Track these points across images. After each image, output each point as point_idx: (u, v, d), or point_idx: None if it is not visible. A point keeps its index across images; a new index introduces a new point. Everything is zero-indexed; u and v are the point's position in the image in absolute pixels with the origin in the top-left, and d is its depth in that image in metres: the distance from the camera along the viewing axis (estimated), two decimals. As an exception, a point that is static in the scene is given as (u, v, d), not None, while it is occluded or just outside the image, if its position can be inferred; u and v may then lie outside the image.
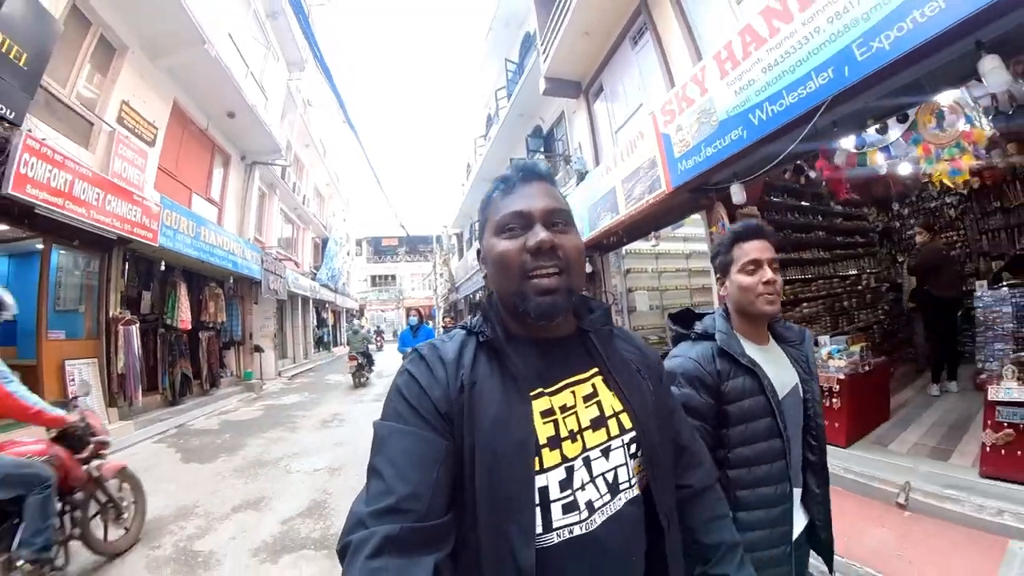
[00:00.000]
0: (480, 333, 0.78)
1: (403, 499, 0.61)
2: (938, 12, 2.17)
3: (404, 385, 0.73)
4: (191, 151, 9.51)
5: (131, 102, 7.40)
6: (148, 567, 2.88)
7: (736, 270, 1.31)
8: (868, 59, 2.44)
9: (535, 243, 0.73)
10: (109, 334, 6.58)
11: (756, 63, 3.10)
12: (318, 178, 19.99)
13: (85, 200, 5.52)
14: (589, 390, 0.79)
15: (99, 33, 6.95)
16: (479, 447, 0.68)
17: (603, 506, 0.73)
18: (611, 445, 0.76)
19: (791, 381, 1.33)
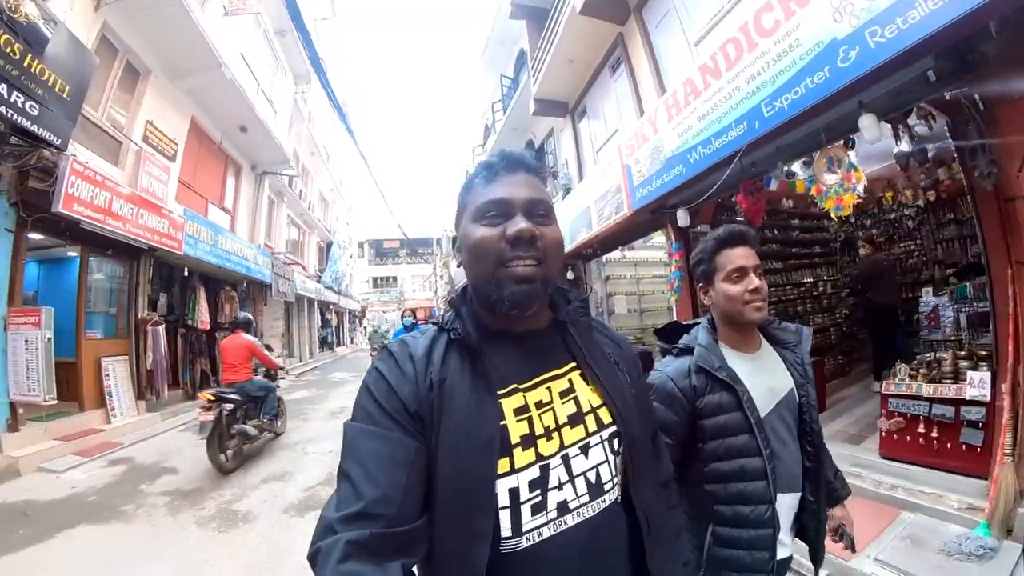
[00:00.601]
0: (452, 330, 0.76)
1: (372, 503, 0.60)
2: (826, 78, 2.83)
3: (373, 383, 0.72)
4: (207, 164, 10.21)
5: (155, 121, 8.09)
6: (197, 523, 3.57)
7: (721, 278, 1.28)
8: (773, 115, 3.09)
9: (515, 232, 0.71)
10: (138, 334, 7.27)
11: (693, 111, 3.77)
12: (322, 184, 20.69)
13: (122, 215, 6.21)
14: (566, 385, 0.77)
15: (125, 59, 7.64)
16: (442, 446, 0.67)
17: (579, 507, 0.70)
18: (590, 442, 0.74)
19: (784, 387, 1.30)
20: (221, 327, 9.68)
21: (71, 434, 5.84)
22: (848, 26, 2.56)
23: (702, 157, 3.69)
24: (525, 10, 9.67)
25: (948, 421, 3.16)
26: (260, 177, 12.61)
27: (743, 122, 3.31)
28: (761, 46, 3.14)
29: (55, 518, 3.78)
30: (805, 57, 2.82)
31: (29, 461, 5.03)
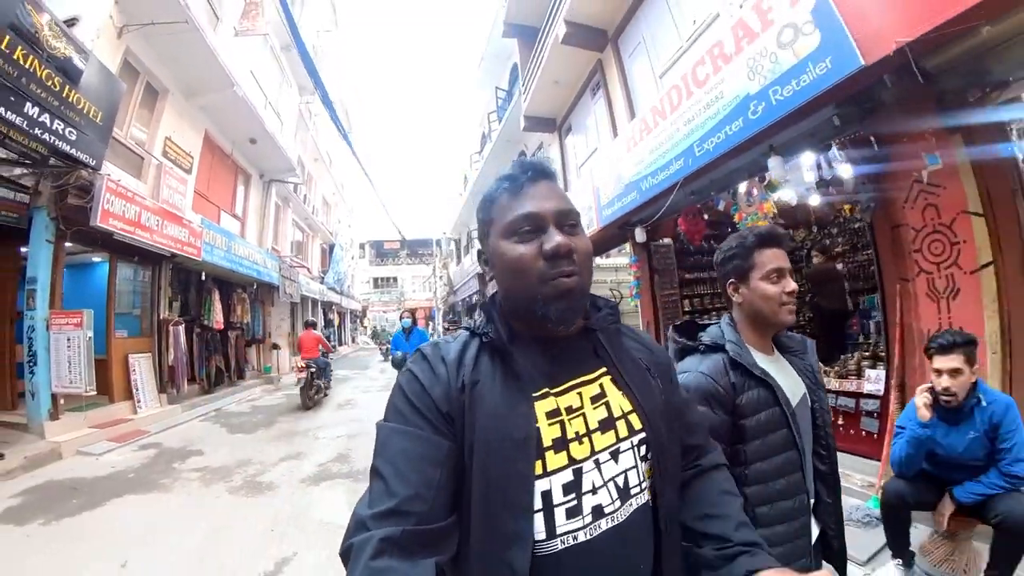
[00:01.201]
0: (484, 334, 0.77)
1: (404, 501, 0.61)
2: (741, 127, 3.48)
3: (406, 383, 0.73)
4: (219, 174, 10.88)
5: (172, 137, 8.75)
6: (228, 491, 4.24)
7: (759, 277, 1.26)
8: (702, 155, 3.74)
9: (552, 248, 0.72)
10: (160, 333, 7.95)
11: (646, 146, 4.42)
12: (325, 188, 21.37)
13: (149, 226, 6.88)
14: (597, 391, 0.77)
15: (145, 80, 8.30)
16: (477, 446, 0.67)
17: (612, 512, 0.71)
18: (620, 447, 0.74)
19: (800, 391, 1.30)
20: (233, 327, 10.36)
21: (103, 422, 6.52)
22: (757, 84, 3.21)
23: (651, 186, 4.36)
24: (516, 29, 10.31)
25: (851, 411, 3.73)
26: (267, 184, 13.29)
27: (681, 159, 3.97)
28: (696, 95, 3.79)
29: (102, 491, 4.44)
30: (726, 108, 3.48)
31: (70, 446, 5.69)
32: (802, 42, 2.81)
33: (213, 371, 9.42)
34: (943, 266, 2.96)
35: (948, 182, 2.88)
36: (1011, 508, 2.08)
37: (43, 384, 5.82)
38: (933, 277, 3.00)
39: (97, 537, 3.49)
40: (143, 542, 3.34)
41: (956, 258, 2.88)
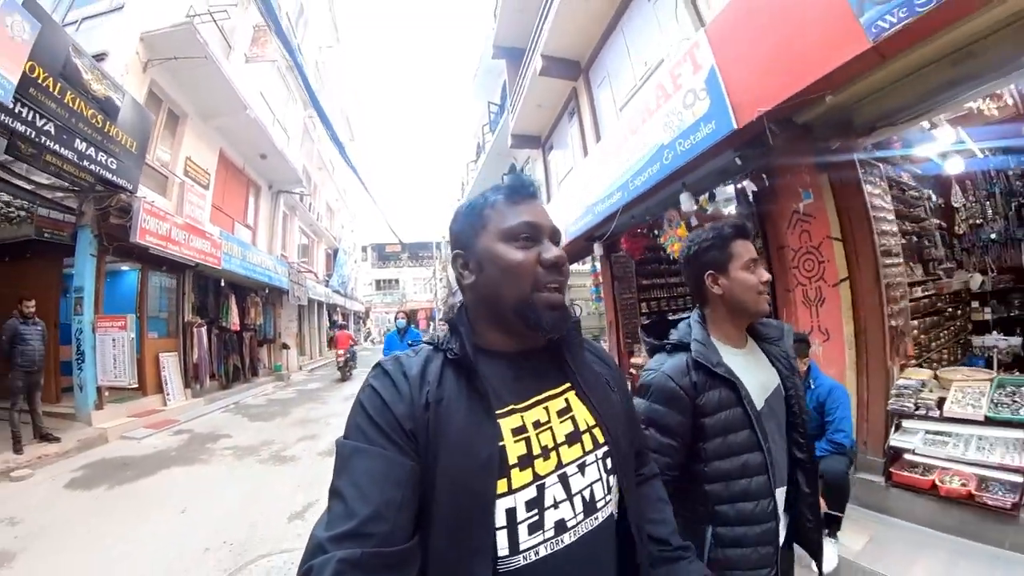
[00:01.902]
0: (448, 349, 0.76)
1: (364, 522, 0.60)
2: (659, 168, 4.34)
3: (367, 400, 0.71)
4: (232, 187, 11.81)
5: (192, 157, 9.68)
6: (259, 462, 5.15)
7: (739, 267, 1.27)
8: (634, 189, 4.62)
9: (553, 258, 0.75)
10: (185, 334, 8.88)
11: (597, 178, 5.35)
12: (328, 195, 22.30)
13: (178, 240, 7.81)
14: (563, 404, 0.78)
15: (167, 107, 9.22)
16: (441, 467, 0.66)
17: (575, 526, 0.71)
18: (586, 460, 0.75)
19: (772, 382, 1.30)
20: (247, 328, 11.29)
21: (139, 412, 7.44)
22: (669, 136, 4.09)
23: (602, 210, 5.30)
24: (504, 51, 11.21)
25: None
26: (276, 195, 14.22)
27: (620, 191, 4.88)
28: (630, 141, 4.69)
29: (151, 465, 5.34)
30: (649, 153, 4.36)
31: (114, 431, 6.61)
32: (698, 105, 3.68)
33: (231, 368, 10.36)
34: (813, 280, 3.80)
35: (817, 213, 3.72)
36: (830, 466, 2.79)
37: (90, 379, 6.75)
38: (807, 288, 3.84)
39: (155, 496, 4.40)
40: (194, 497, 4.25)
41: (822, 274, 3.72)
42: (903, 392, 3.22)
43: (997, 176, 5.33)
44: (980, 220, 5.60)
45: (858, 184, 3.50)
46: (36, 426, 5.86)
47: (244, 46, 11.07)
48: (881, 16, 2.39)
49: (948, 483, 2.90)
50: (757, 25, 3.26)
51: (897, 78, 3.02)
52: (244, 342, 11.18)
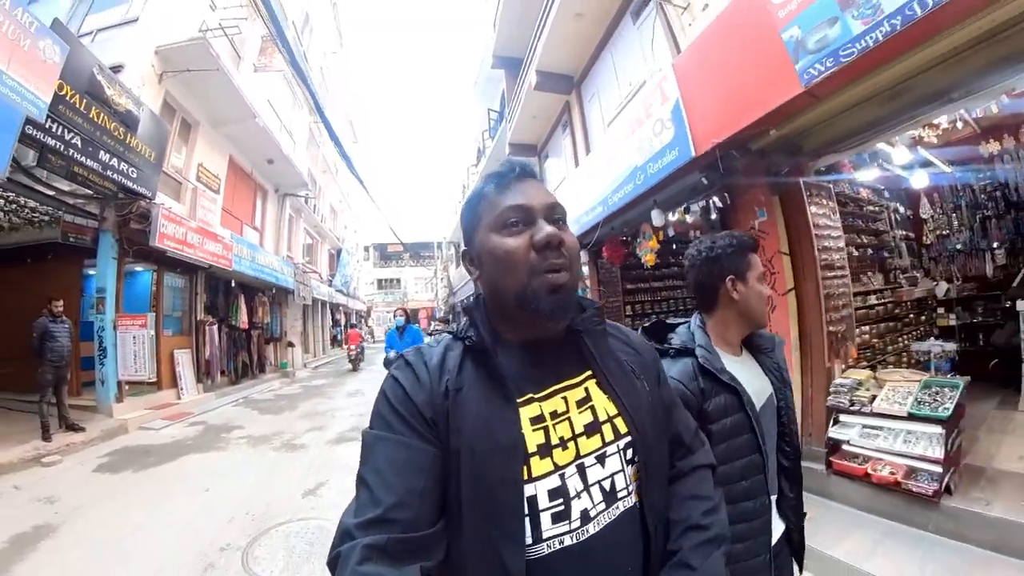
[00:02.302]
0: (466, 338, 0.77)
1: (389, 509, 0.62)
2: (633, 188, 4.80)
3: (389, 390, 0.74)
4: (241, 191, 12.29)
5: (204, 163, 10.16)
6: (272, 449, 5.62)
7: (755, 278, 1.32)
8: (613, 204, 5.09)
9: (543, 238, 0.72)
10: (197, 332, 9.37)
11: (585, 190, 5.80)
12: (332, 196, 22.79)
13: (192, 244, 8.28)
14: (582, 395, 0.78)
15: (181, 116, 9.69)
16: (464, 453, 0.68)
17: (598, 515, 0.71)
18: (606, 451, 0.75)
19: (766, 391, 1.33)
20: (255, 326, 11.77)
21: (156, 405, 7.92)
22: (642, 159, 4.55)
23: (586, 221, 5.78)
24: (503, 61, 11.62)
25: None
26: (282, 198, 14.71)
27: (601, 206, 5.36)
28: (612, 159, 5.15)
29: (171, 451, 5.81)
30: (625, 173, 4.83)
31: (133, 422, 7.08)
32: (664, 133, 4.13)
33: (240, 365, 10.85)
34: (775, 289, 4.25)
35: (770, 229, 4.15)
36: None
37: (111, 374, 7.22)
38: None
39: (178, 478, 4.87)
40: (215, 479, 4.72)
41: (773, 284, 4.12)
42: (839, 390, 3.67)
43: (963, 190, 5.75)
44: (947, 231, 6.04)
45: (803, 204, 3.93)
46: (62, 417, 6.33)
47: (252, 56, 11.55)
48: (812, 64, 2.82)
49: (879, 471, 3.28)
50: (715, 64, 3.71)
51: (834, 114, 3.46)
52: (252, 340, 11.67)
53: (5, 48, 4.76)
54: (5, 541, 3.42)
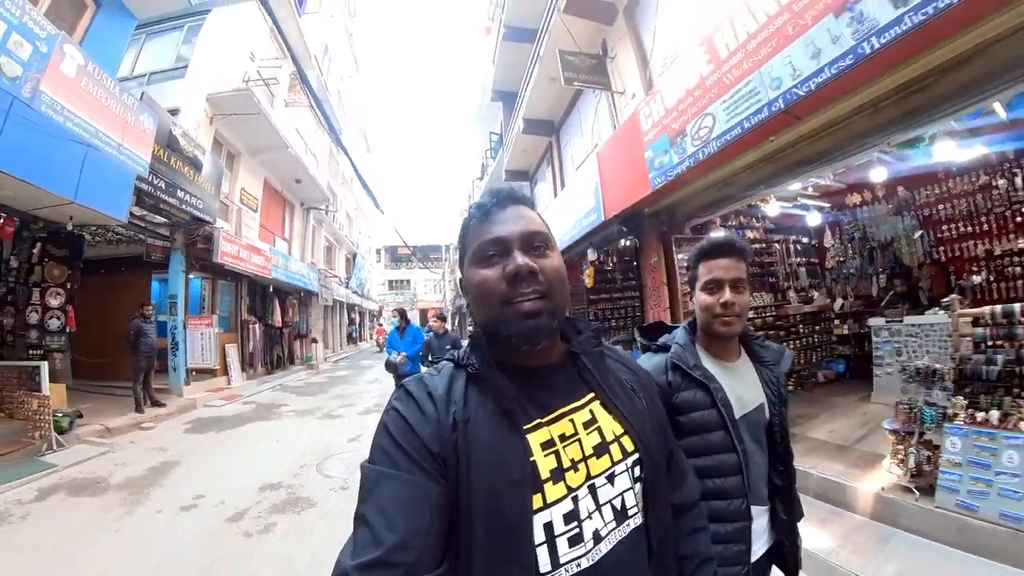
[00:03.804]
0: (469, 365, 0.77)
1: (391, 550, 0.60)
2: (577, 231, 6.58)
3: (392, 423, 0.72)
4: (273, 208, 14.20)
5: (245, 187, 12.05)
6: (316, 418, 7.46)
7: (699, 287, 1.33)
8: (570, 239, 6.87)
9: (512, 269, 0.73)
10: (242, 329, 11.28)
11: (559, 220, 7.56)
12: (348, 205, 24.72)
13: (243, 258, 10.19)
14: (588, 416, 0.79)
15: (227, 150, 11.57)
16: (475, 489, 0.66)
17: (609, 534, 0.72)
18: (615, 471, 0.76)
19: (755, 400, 1.33)
20: (287, 325, 13.68)
21: (213, 389, 9.82)
22: (582, 213, 6.32)
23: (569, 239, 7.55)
24: (501, 95, 13.36)
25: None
26: (307, 211, 16.64)
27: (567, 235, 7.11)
28: (571, 205, 6.91)
29: (237, 421, 7.66)
30: (576, 219, 6.61)
31: (199, 401, 8.95)
32: (590, 200, 5.94)
33: (274, 357, 12.77)
34: (657, 307, 5.99)
35: (659, 267, 5.85)
36: None
37: (181, 363, 9.12)
38: (656, 311, 6.00)
39: (252, 435, 6.71)
40: (281, 435, 6.56)
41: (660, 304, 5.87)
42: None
43: (857, 225, 7.36)
44: (843, 258, 7.66)
45: (672, 252, 5.66)
46: (149, 396, 8.19)
47: (283, 93, 13.41)
48: (656, 176, 4.60)
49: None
50: (618, 158, 5.54)
51: (687, 197, 5.19)
52: (284, 336, 13.58)
53: (119, 126, 6.53)
54: (145, 471, 5.23)
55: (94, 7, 7.50)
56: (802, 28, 2.95)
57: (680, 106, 4.19)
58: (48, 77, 5.30)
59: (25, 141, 5.04)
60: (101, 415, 7.22)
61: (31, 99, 5.11)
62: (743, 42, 3.46)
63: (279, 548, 3.34)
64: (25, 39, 5.04)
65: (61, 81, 5.47)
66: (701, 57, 3.93)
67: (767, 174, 4.34)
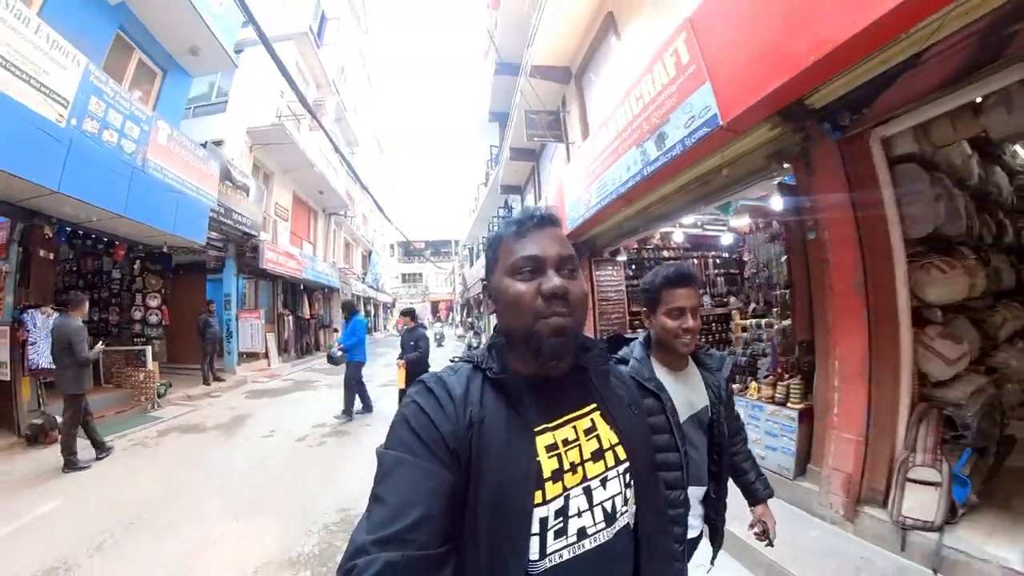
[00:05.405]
0: (488, 369, 0.83)
1: (406, 529, 0.65)
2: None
3: (412, 416, 0.78)
4: (300, 215, 16.47)
5: (279, 201, 14.31)
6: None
7: (662, 312, 1.49)
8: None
9: (550, 288, 0.78)
10: (279, 321, 13.61)
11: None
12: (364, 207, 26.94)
13: (281, 263, 12.48)
14: (588, 424, 0.86)
15: (263, 172, 13.80)
16: (485, 482, 0.74)
17: (595, 533, 0.80)
18: (608, 475, 0.84)
19: (701, 402, 1.56)
20: (313, 317, 16.01)
21: (257, 369, 12.16)
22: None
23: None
24: (496, 115, 15.31)
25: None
26: (328, 216, 18.94)
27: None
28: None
29: (282, 392, 9.92)
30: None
31: (249, 378, 11.28)
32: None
33: (304, 345, 15.11)
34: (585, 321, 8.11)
35: (587, 281, 7.99)
36: None
37: (235, 348, 11.45)
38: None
39: (297, 399, 8.98)
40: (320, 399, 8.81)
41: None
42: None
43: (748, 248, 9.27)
44: (755, 270, 9.60)
45: (591, 271, 7.69)
46: (213, 373, 10.52)
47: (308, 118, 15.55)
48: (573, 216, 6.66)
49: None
50: (559, 194, 7.54)
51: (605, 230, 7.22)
52: (311, 327, 15.91)
53: (196, 173, 8.67)
54: (228, 419, 7.49)
55: (161, 74, 9.64)
56: (635, 142, 4.93)
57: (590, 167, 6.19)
58: (151, 147, 7.49)
59: (142, 195, 7.22)
60: (180, 387, 9.57)
61: (143, 166, 7.30)
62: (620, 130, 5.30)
63: (330, 454, 5.62)
64: (135, 123, 7.18)
65: (158, 148, 7.62)
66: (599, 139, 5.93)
67: (645, 219, 6.29)
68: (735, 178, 4.30)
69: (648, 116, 4.42)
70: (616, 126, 5.22)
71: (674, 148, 4.06)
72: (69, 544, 3.37)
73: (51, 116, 5.56)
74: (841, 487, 3.25)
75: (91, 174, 6.13)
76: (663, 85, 4.10)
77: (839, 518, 3.25)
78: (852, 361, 3.27)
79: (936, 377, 3.30)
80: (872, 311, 3.20)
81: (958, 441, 3.22)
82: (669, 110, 4.05)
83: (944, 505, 2.81)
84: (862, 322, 3.21)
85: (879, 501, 3.11)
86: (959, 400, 3.24)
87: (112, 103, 6.49)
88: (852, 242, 3.27)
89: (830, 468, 3.36)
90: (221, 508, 4.03)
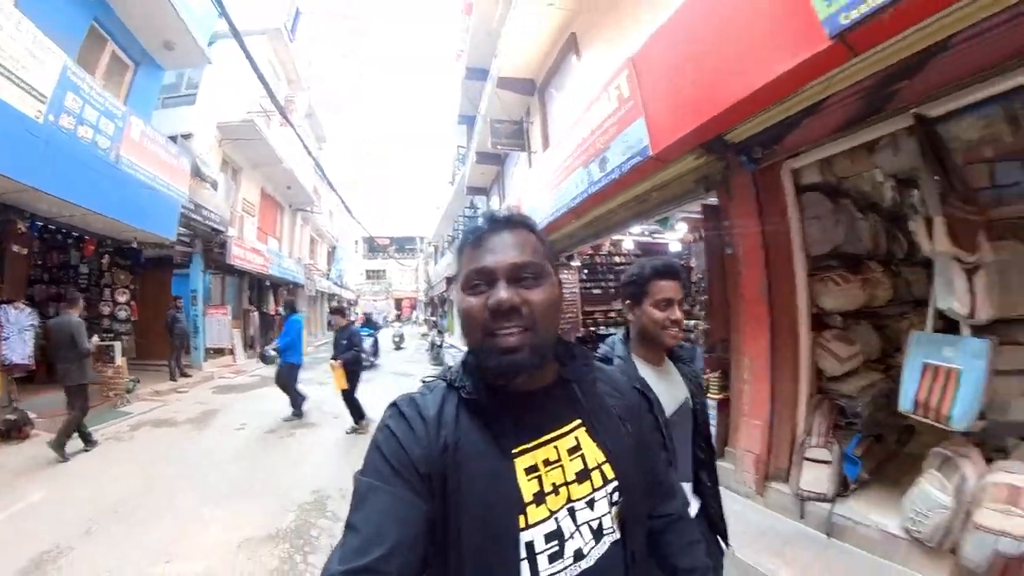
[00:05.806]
0: (462, 387, 0.80)
1: (378, 560, 0.64)
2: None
3: (383, 441, 0.75)
4: (267, 211, 16.50)
5: (247, 196, 14.36)
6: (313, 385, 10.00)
7: (649, 303, 1.48)
8: None
9: (493, 303, 0.74)
10: (244, 316, 13.70)
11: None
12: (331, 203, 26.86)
13: (248, 260, 12.60)
14: (572, 443, 0.82)
15: (232, 167, 13.83)
16: (465, 507, 0.71)
17: (590, 552, 0.77)
18: (595, 496, 0.80)
19: (683, 395, 1.55)
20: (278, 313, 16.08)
21: (224, 365, 12.26)
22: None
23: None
24: (465, 119, 15.81)
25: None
26: (295, 212, 18.96)
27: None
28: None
29: (250, 388, 10.13)
30: None
31: (216, 373, 11.40)
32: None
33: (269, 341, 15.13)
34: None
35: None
36: None
37: (201, 344, 11.54)
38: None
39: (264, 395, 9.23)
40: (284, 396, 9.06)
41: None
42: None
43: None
44: (700, 276, 10.44)
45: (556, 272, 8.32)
46: (179, 368, 10.61)
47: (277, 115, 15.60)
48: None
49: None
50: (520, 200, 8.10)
51: (560, 237, 7.80)
52: (276, 322, 15.96)
53: (168, 169, 8.82)
54: (198, 414, 7.73)
55: (133, 66, 9.69)
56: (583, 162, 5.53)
57: (548, 179, 6.75)
58: (124, 143, 7.61)
59: (114, 191, 7.38)
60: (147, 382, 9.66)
61: (116, 162, 7.44)
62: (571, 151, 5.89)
63: (299, 443, 6.09)
64: (109, 119, 7.30)
65: (131, 144, 7.75)
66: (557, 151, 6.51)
67: (594, 230, 6.94)
68: (666, 199, 4.98)
69: (594, 141, 5.03)
70: (569, 146, 5.80)
71: (613, 172, 4.69)
72: (57, 531, 3.56)
73: (31, 112, 5.72)
74: (752, 466, 3.76)
75: (68, 170, 6.31)
76: (607, 115, 4.71)
77: (752, 492, 3.73)
78: (759, 358, 3.93)
79: (830, 372, 3.77)
80: (775, 316, 3.86)
81: (851, 427, 3.73)
82: (611, 137, 4.66)
83: (835, 480, 3.29)
84: (767, 326, 3.87)
85: (783, 477, 3.61)
86: (851, 393, 3.82)
87: (88, 99, 6.65)
88: (760, 258, 3.93)
89: (742, 450, 3.88)
90: (202, 495, 4.33)
